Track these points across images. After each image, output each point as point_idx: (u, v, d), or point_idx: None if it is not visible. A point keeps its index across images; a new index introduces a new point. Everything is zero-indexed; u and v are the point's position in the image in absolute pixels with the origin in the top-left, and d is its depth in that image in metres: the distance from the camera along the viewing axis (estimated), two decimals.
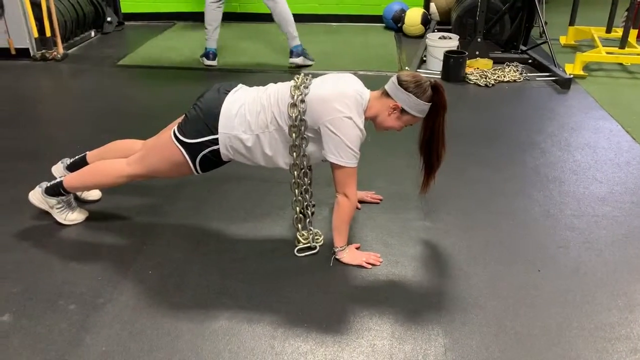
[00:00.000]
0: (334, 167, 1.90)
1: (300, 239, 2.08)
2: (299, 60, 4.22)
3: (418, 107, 1.89)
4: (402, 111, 1.91)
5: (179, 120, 2.07)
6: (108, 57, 4.53)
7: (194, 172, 2.01)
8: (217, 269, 1.97)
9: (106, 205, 2.33)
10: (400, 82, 1.88)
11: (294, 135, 1.89)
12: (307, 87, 1.91)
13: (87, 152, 2.33)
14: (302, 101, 1.87)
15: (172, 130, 1.99)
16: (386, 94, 1.92)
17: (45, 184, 2.18)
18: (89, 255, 2.05)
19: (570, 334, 1.69)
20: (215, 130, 1.92)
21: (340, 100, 1.85)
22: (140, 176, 2.09)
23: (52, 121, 3.33)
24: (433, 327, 1.71)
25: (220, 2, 4.09)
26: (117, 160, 2.13)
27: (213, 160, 1.99)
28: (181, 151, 1.96)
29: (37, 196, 2.18)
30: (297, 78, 1.95)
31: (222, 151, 1.95)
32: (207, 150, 1.95)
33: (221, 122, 1.91)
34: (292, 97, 1.88)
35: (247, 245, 2.11)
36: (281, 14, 4.04)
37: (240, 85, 2.05)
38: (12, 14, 4.23)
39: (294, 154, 1.94)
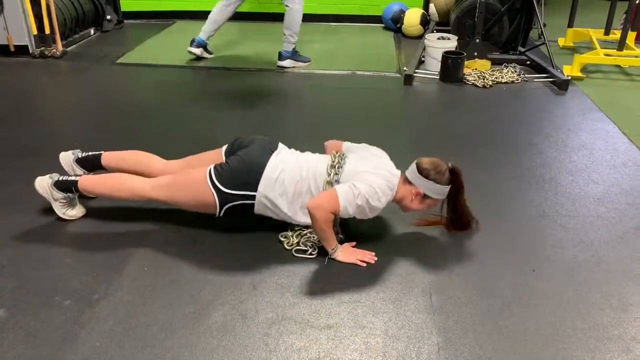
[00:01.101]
0: (331, 189, 1.95)
1: (292, 240, 2.09)
2: (285, 62, 4.24)
3: (439, 191, 2.01)
4: (425, 196, 2.02)
5: (210, 153, 2.17)
6: (107, 55, 4.53)
7: (216, 214, 2.06)
8: (212, 267, 1.97)
9: (104, 202, 2.34)
10: (420, 171, 2.00)
11: None
12: (342, 167, 2.02)
13: (103, 153, 2.33)
14: (337, 181, 2.00)
15: (208, 172, 2.02)
16: (408, 181, 2.03)
17: (56, 176, 2.17)
18: (85, 251, 2.05)
19: (563, 333, 1.70)
20: (254, 188, 2.00)
21: (376, 178, 1.96)
22: (159, 201, 2.11)
23: (50, 118, 3.33)
24: (427, 326, 1.72)
25: (232, 8, 4.13)
26: (140, 179, 2.15)
27: (239, 211, 2.05)
28: (213, 196, 2.01)
29: (44, 185, 2.17)
30: (334, 157, 2.06)
31: (257, 208, 2.05)
32: (238, 202, 2.02)
33: (262, 184, 2.00)
34: (329, 174, 2.01)
35: (243, 243, 2.11)
36: (287, 19, 4.09)
37: (281, 146, 2.15)
38: (12, 11, 4.24)
39: None
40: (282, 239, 2.10)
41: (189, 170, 2.12)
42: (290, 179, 2.01)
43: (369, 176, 1.96)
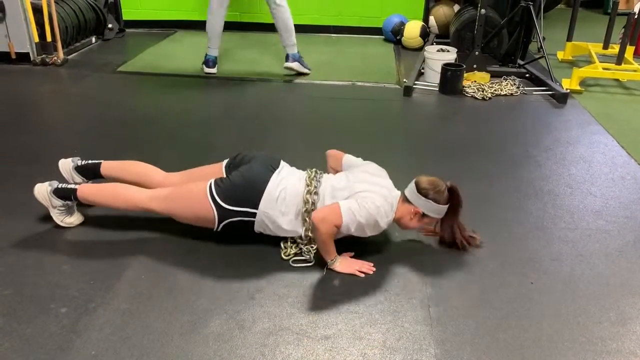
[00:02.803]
0: (334, 203, 1.95)
1: (289, 250, 2.09)
2: (294, 65, 4.23)
3: (437, 210, 2.03)
4: (423, 215, 2.03)
5: (210, 167, 2.17)
6: (108, 64, 4.54)
7: (214, 229, 2.07)
8: (209, 276, 1.97)
9: (102, 210, 2.33)
10: (419, 190, 2.00)
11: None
12: (317, 193, 2.03)
13: (102, 162, 2.33)
14: (314, 208, 2.00)
15: (209, 186, 2.02)
16: (407, 200, 2.04)
17: (55, 184, 2.18)
18: (82, 259, 2.05)
19: (562, 346, 1.69)
20: (254, 206, 2.00)
21: (378, 197, 1.97)
22: (157, 212, 2.11)
23: (50, 126, 3.34)
24: (424, 338, 1.71)
25: (224, 10, 4.12)
26: (139, 190, 2.15)
27: (237, 227, 2.05)
28: (213, 211, 2.01)
29: (42, 192, 2.17)
30: (309, 180, 2.06)
31: (257, 226, 2.06)
32: (237, 219, 2.02)
33: (263, 202, 2.00)
34: (305, 202, 2.01)
35: (240, 253, 2.11)
36: (283, 20, 4.07)
37: (282, 163, 2.16)
38: (14, 18, 4.26)
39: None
40: (281, 247, 2.10)
41: (188, 184, 2.12)
42: (292, 197, 2.02)
43: (370, 195, 1.96)
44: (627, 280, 2.01)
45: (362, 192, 1.97)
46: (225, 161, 2.19)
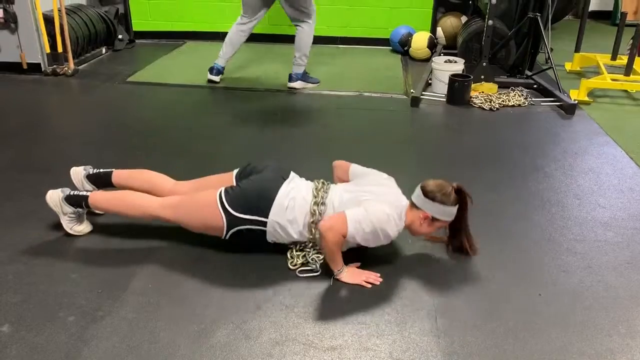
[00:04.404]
0: (340, 213, 1.96)
1: (296, 260, 2.09)
2: (296, 84, 4.27)
3: (446, 212, 2.01)
4: (433, 219, 2.01)
5: (220, 176, 2.18)
6: (118, 74, 4.59)
7: (222, 237, 2.07)
8: (216, 286, 1.97)
9: (111, 219, 2.35)
10: (426, 194, 1.99)
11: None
12: (325, 203, 2.04)
13: (114, 170, 2.35)
14: (320, 219, 2.01)
15: (219, 194, 2.04)
16: (415, 206, 2.02)
17: (68, 191, 2.20)
18: (90, 267, 2.06)
19: (570, 359, 1.67)
20: (263, 214, 2.01)
21: (385, 207, 1.97)
22: (167, 220, 2.12)
23: (61, 135, 3.37)
24: (431, 349, 1.70)
25: (247, 30, 4.18)
26: (150, 197, 2.16)
27: (245, 236, 2.06)
28: (222, 218, 2.02)
29: (54, 198, 2.19)
30: (316, 191, 2.06)
31: (269, 237, 2.07)
32: (246, 227, 2.03)
33: (274, 210, 2.01)
34: (312, 214, 2.02)
35: (247, 262, 2.11)
36: (298, 39, 4.13)
37: (292, 174, 2.17)
38: (26, 29, 4.32)
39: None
40: (287, 257, 2.10)
41: (199, 192, 2.13)
42: (300, 208, 2.02)
43: (377, 204, 1.96)
44: (636, 292, 1.99)
45: (369, 201, 1.97)
46: (236, 170, 2.20)
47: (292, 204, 2.02)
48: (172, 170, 2.41)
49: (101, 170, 2.36)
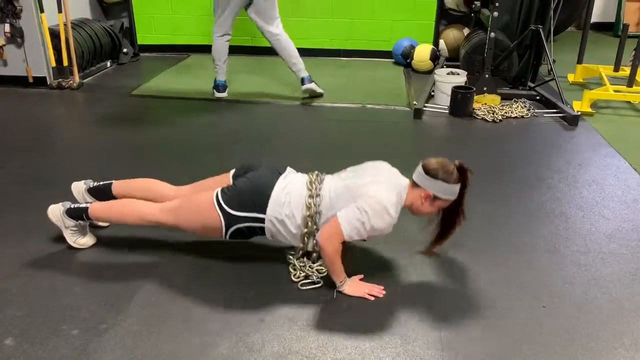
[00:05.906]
0: (333, 219, 1.94)
1: (299, 273, 2.09)
2: (311, 85, 4.28)
3: (449, 190, 1.97)
4: (435, 197, 1.97)
5: (218, 177, 2.17)
6: (123, 87, 4.63)
7: (222, 237, 2.07)
8: (219, 298, 1.97)
9: (114, 232, 2.36)
10: (428, 172, 1.95)
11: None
12: (320, 195, 2.00)
13: (113, 181, 2.36)
14: (317, 213, 1.99)
15: (215, 194, 2.04)
16: (416, 184, 1.99)
17: (68, 204, 2.21)
18: (94, 280, 2.06)
19: None
20: (261, 210, 2.00)
21: (379, 187, 1.94)
22: (167, 225, 2.12)
23: (65, 148, 3.39)
24: None
25: (227, 37, 4.21)
26: (149, 203, 2.17)
27: (245, 234, 2.05)
28: (219, 218, 2.01)
29: (56, 212, 2.20)
30: (311, 184, 2.03)
31: (267, 233, 2.06)
32: (245, 225, 2.02)
33: (270, 206, 2.00)
34: (308, 207, 1.99)
35: (250, 275, 2.11)
36: (285, 49, 4.17)
37: (289, 169, 2.16)
38: (32, 43, 4.36)
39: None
40: (290, 270, 2.10)
41: (196, 194, 2.14)
42: (296, 204, 2.00)
43: (371, 187, 1.93)
44: None
45: (363, 186, 1.93)
46: (233, 171, 2.20)
47: (289, 199, 2.00)
48: (176, 182, 2.41)
49: (101, 183, 2.38)
